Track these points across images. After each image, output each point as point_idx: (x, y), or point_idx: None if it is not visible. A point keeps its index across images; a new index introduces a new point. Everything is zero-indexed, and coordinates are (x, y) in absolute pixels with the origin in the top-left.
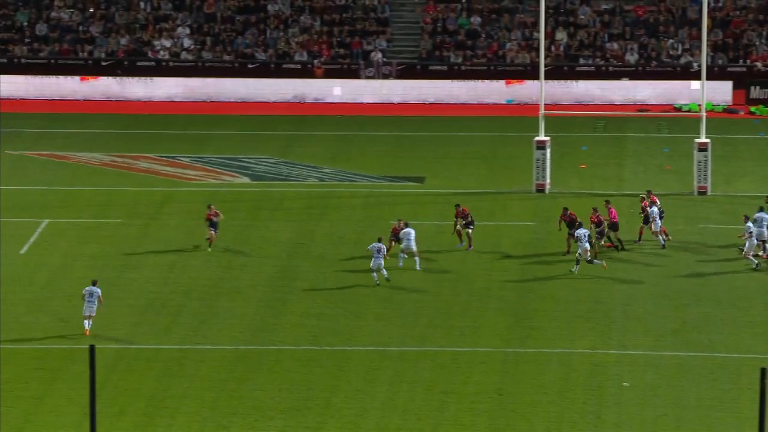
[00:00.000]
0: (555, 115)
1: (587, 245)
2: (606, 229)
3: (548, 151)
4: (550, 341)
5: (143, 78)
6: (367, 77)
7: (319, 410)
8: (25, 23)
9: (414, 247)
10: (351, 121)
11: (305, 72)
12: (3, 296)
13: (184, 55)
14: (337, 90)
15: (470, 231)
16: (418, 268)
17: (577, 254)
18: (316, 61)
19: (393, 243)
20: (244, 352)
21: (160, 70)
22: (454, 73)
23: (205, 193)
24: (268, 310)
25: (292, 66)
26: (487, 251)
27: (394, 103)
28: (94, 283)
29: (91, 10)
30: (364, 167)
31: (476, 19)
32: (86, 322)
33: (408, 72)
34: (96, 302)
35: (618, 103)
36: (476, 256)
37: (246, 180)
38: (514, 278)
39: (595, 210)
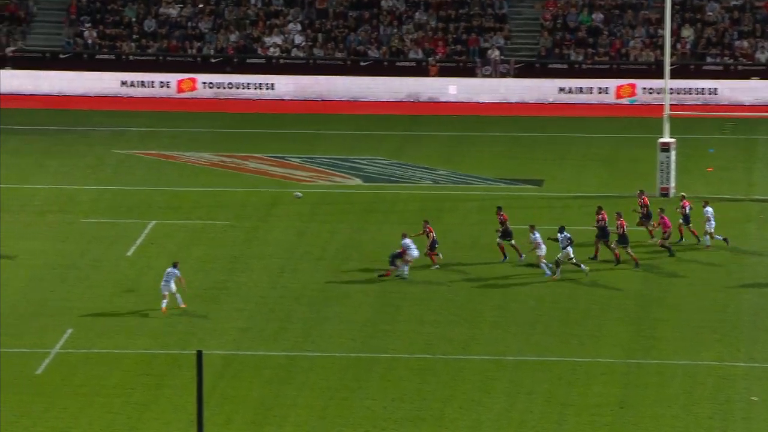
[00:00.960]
0: (680, 116)
1: (569, 250)
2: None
3: (673, 153)
4: (674, 352)
5: (253, 75)
6: (484, 76)
7: (433, 421)
8: (134, 19)
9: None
10: (466, 121)
11: (419, 70)
12: (109, 299)
13: (295, 52)
14: (452, 89)
15: (512, 242)
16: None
17: (557, 258)
18: (430, 58)
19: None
20: (355, 359)
21: (270, 67)
22: (574, 71)
23: (315, 195)
24: (380, 316)
25: (406, 64)
26: (608, 257)
27: (512, 103)
28: (174, 265)
29: (201, 6)
30: (480, 169)
31: (598, 16)
32: (163, 301)
33: (526, 70)
34: (171, 281)
35: (747, 104)
36: (595, 262)
37: (358, 181)
38: (635, 286)
39: (618, 215)
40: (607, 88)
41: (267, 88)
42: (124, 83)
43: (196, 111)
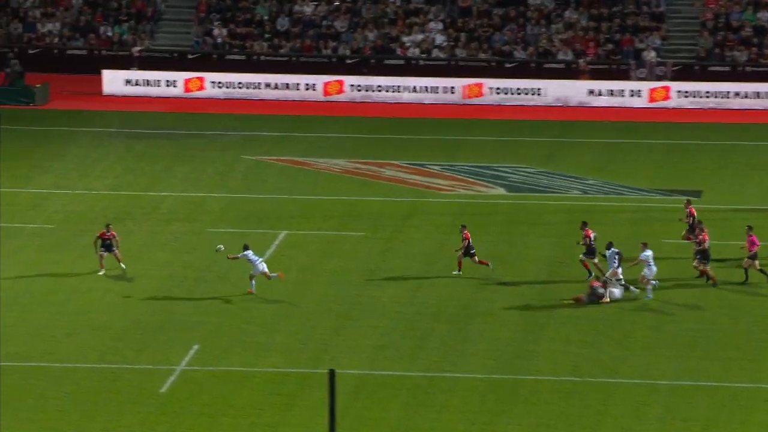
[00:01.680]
0: None
1: (619, 269)
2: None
3: None
4: None
5: (391, 77)
6: (639, 78)
7: None
8: (266, 17)
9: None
10: (619, 127)
11: (569, 72)
12: (237, 314)
13: (435, 52)
14: (603, 93)
15: (596, 261)
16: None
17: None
18: (581, 60)
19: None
20: (498, 381)
21: (410, 68)
22: (737, 74)
23: (456, 205)
24: (524, 335)
25: (555, 65)
26: (754, 279)
27: (669, 108)
28: (245, 247)
29: (337, 4)
30: (633, 179)
31: (764, 15)
32: (252, 281)
33: (684, 73)
34: (258, 263)
35: None
36: (756, 281)
37: (501, 191)
38: None
39: (701, 227)
40: None
41: (405, 91)
42: (255, 85)
43: (332, 115)
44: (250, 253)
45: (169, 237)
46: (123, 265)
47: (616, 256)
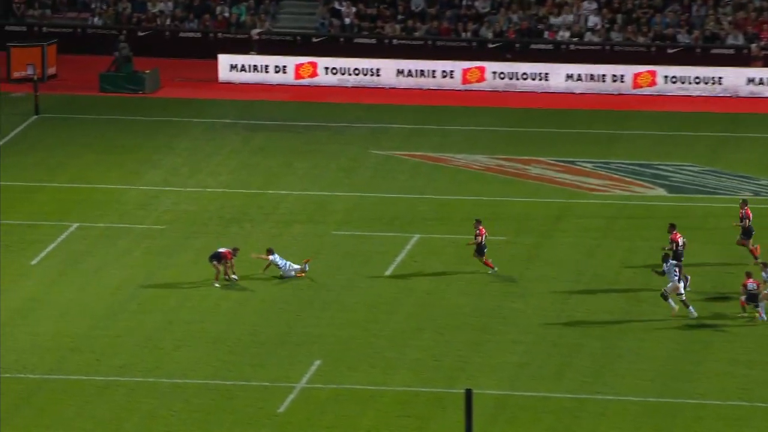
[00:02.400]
0: None
1: (681, 284)
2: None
3: None
4: None
5: (537, 63)
6: None
7: None
8: None
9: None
10: None
11: (739, 59)
12: (364, 326)
13: (588, 36)
14: None
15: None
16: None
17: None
18: (753, 45)
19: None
20: (655, 404)
21: (559, 54)
22: None
23: (610, 207)
24: (685, 354)
25: (723, 51)
26: None
27: None
28: (270, 251)
29: None
30: None
31: None
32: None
33: None
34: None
35: None
36: None
37: (661, 192)
38: None
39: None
40: None
41: (554, 79)
42: (387, 72)
43: (471, 105)
44: (276, 257)
45: (290, 240)
46: (235, 276)
47: (676, 269)
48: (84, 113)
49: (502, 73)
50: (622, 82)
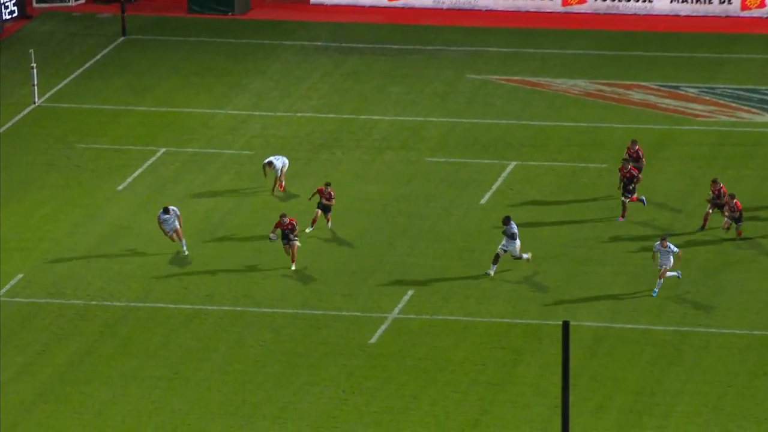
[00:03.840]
0: None
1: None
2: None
3: None
4: None
5: None
6: None
7: None
8: None
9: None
10: None
11: None
12: (458, 256)
13: None
14: None
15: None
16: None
17: None
18: None
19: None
20: (759, 338)
21: None
22: None
23: (715, 134)
24: None
25: None
26: None
27: None
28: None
29: None
30: None
31: None
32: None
33: None
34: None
35: None
36: None
37: None
38: None
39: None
40: None
41: (659, 1)
42: None
43: (571, 28)
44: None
45: (382, 167)
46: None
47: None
48: (172, 35)
49: None
50: (730, 3)
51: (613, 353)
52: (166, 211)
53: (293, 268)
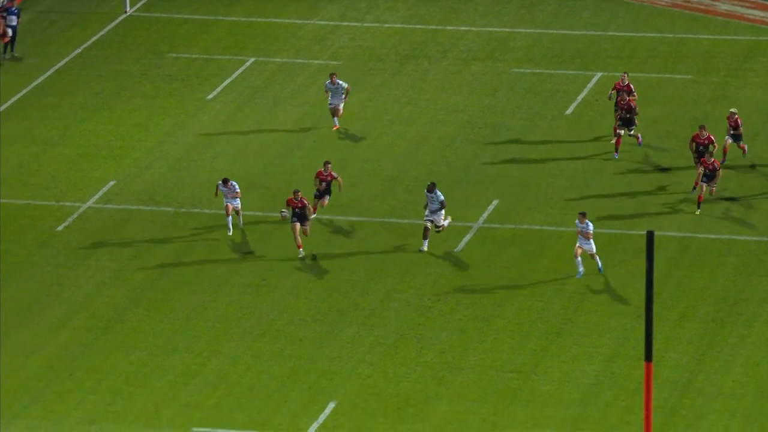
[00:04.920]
0: None
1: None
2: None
3: None
4: None
5: None
6: None
7: None
8: None
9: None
10: None
11: None
12: (543, 167)
13: None
14: None
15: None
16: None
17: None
18: None
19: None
20: None
21: None
22: None
23: None
24: None
25: None
26: None
27: None
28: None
29: None
30: None
31: None
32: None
33: None
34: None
35: None
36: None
37: None
38: None
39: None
40: None
41: None
42: None
43: None
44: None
45: (468, 77)
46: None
47: (438, 203)
48: None
49: None
50: None
51: (697, 262)
52: (225, 182)
53: (301, 254)
